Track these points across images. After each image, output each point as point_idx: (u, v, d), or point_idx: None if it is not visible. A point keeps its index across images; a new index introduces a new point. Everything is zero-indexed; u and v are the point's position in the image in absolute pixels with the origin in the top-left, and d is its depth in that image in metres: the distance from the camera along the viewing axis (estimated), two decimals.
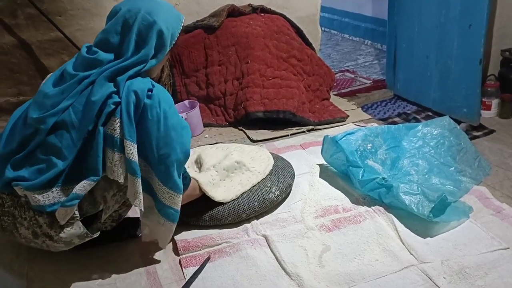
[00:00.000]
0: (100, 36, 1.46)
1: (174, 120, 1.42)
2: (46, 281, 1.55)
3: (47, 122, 1.36)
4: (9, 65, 2.79)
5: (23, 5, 2.65)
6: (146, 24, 1.43)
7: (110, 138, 1.36)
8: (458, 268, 1.49)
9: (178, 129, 1.43)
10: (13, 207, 1.41)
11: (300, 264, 1.55)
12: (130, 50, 1.42)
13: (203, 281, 1.51)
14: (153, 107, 1.38)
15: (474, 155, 2.09)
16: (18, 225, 1.42)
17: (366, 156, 1.99)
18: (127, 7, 1.45)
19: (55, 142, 1.37)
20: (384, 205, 1.82)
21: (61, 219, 1.38)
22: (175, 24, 1.51)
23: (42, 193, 1.34)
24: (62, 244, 1.45)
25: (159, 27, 1.44)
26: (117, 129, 1.36)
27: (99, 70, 1.40)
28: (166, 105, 1.41)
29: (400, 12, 3.29)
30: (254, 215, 1.80)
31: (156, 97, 1.39)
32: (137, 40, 1.43)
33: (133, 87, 1.37)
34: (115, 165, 1.37)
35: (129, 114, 1.36)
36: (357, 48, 4.92)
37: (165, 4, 1.52)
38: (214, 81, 2.80)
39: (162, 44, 1.47)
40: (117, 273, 1.56)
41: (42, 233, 1.42)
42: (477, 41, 2.67)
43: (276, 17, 3.04)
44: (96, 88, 1.36)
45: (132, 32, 1.42)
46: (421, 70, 3.16)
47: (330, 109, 2.90)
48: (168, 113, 1.41)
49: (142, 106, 1.37)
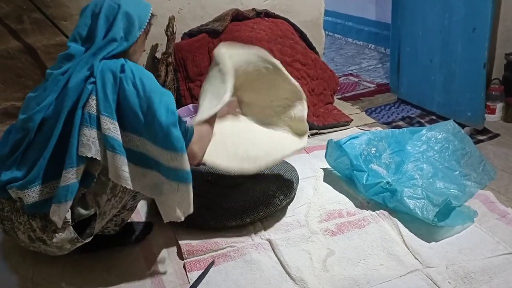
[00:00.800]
0: (73, 32, 1.51)
1: (152, 85, 1.41)
2: (51, 284, 1.56)
3: (35, 119, 1.39)
4: (15, 70, 2.80)
5: (29, 10, 2.67)
6: (111, 9, 1.47)
7: (87, 116, 1.35)
8: (463, 273, 1.49)
9: (158, 92, 1.40)
10: (11, 212, 1.43)
11: (304, 269, 1.55)
12: (99, 36, 1.46)
13: (207, 285, 1.51)
14: (127, 78, 1.38)
15: (478, 159, 2.08)
16: (16, 229, 1.44)
17: (370, 160, 1.99)
18: (94, 2, 1.52)
19: (43, 138, 1.39)
20: (389, 209, 1.82)
21: (56, 218, 1.36)
22: (142, 9, 1.54)
23: (33, 191, 1.36)
24: (54, 249, 1.46)
25: (124, 10, 1.47)
26: (94, 106, 1.36)
27: (73, 62, 1.44)
28: (141, 73, 1.42)
29: (403, 16, 3.29)
30: (259, 219, 1.80)
31: (128, 69, 1.40)
32: (106, 25, 1.47)
33: (106, 66, 1.40)
34: (92, 142, 1.35)
35: (104, 90, 1.36)
36: (361, 52, 4.92)
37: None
38: None
39: (130, 25, 1.49)
40: (122, 277, 1.57)
41: (36, 238, 1.43)
42: (481, 45, 2.66)
43: (280, 22, 3.05)
44: (73, 76, 1.40)
45: (100, 19, 1.46)
46: (425, 74, 3.16)
47: (334, 113, 2.90)
48: (144, 79, 1.40)
49: (119, 80, 1.38)
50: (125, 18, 1.48)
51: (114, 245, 1.70)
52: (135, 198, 1.63)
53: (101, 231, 1.61)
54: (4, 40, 2.72)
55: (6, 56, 2.75)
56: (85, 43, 1.47)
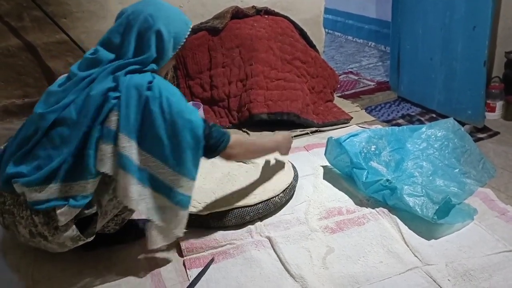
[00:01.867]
0: (105, 36, 1.49)
1: (180, 107, 1.40)
2: (51, 282, 1.56)
3: (47, 119, 1.38)
4: (15, 67, 2.80)
5: (29, 8, 2.67)
6: (146, 26, 1.43)
7: (106, 131, 1.35)
8: (463, 270, 1.49)
9: (185, 115, 1.40)
10: (13, 205, 1.43)
11: (304, 266, 1.55)
12: (130, 51, 1.43)
13: (207, 282, 1.51)
14: (155, 98, 1.37)
15: (478, 157, 2.08)
16: (17, 223, 1.43)
17: (370, 158, 1.99)
18: (132, 9, 1.47)
19: (54, 138, 1.39)
20: (388, 207, 1.82)
21: (63, 218, 1.37)
22: (179, 28, 1.50)
23: (39, 189, 1.36)
24: (55, 246, 1.45)
25: (159, 29, 1.43)
26: (114, 122, 1.35)
27: (100, 69, 1.42)
28: (168, 93, 1.40)
29: (404, 14, 3.29)
30: (258, 217, 1.80)
31: (156, 88, 1.38)
32: (137, 41, 1.44)
33: (133, 82, 1.38)
34: (107, 157, 1.36)
35: (128, 108, 1.35)
36: (361, 50, 4.92)
37: (172, 8, 1.52)
38: (218, 83, 2.81)
39: (162, 47, 1.46)
40: (122, 275, 1.57)
41: (37, 233, 1.42)
42: (481, 43, 2.66)
43: (280, 19, 3.05)
44: (96, 84, 1.38)
45: (133, 33, 1.43)
46: (425, 72, 3.16)
47: (334, 111, 2.91)
48: (172, 101, 1.39)
49: (144, 99, 1.37)
50: (158, 39, 1.44)
51: (114, 243, 1.70)
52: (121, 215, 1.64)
53: (102, 229, 1.61)
54: (4, 38, 2.72)
55: (6, 54, 2.76)
56: (115, 51, 1.45)
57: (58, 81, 1.50)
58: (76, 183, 1.38)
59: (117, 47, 1.45)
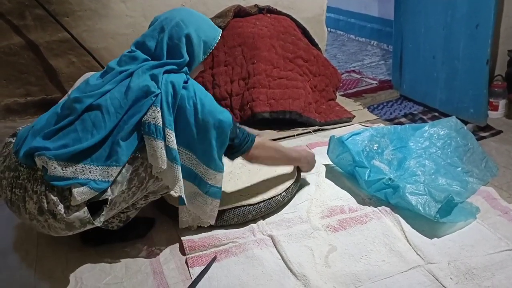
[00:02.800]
0: (139, 39, 1.57)
1: (211, 107, 1.51)
2: (53, 279, 1.56)
3: (84, 102, 1.43)
4: (17, 66, 2.81)
5: (31, 6, 2.67)
6: (178, 29, 1.52)
7: (153, 127, 1.43)
8: (465, 269, 1.49)
9: (216, 114, 1.50)
10: (27, 180, 1.42)
11: (306, 264, 1.55)
12: (163, 53, 1.52)
13: (209, 280, 1.52)
14: (190, 97, 1.47)
15: (481, 156, 2.08)
16: (27, 198, 1.41)
17: (372, 156, 1.99)
18: (166, 16, 1.58)
19: (87, 122, 1.43)
20: (391, 205, 1.82)
21: (79, 197, 1.38)
22: (209, 33, 1.59)
23: (64, 165, 1.38)
24: (63, 225, 1.43)
25: (189, 33, 1.52)
26: (159, 118, 1.43)
27: (137, 65, 1.50)
28: (202, 94, 1.51)
29: (406, 13, 3.27)
30: (260, 215, 1.80)
31: (191, 87, 1.49)
32: (168, 44, 1.52)
33: (170, 79, 1.47)
34: (159, 152, 1.43)
35: (168, 104, 1.44)
36: (363, 48, 4.90)
37: (203, 16, 1.63)
38: (220, 82, 2.81)
39: (192, 51, 1.54)
40: (124, 272, 1.58)
41: (48, 210, 1.40)
42: (484, 42, 2.65)
43: (283, 18, 3.05)
44: (135, 78, 1.46)
45: (165, 36, 1.52)
46: (427, 71, 3.15)
47: (336, 109, 2.90)
48: (205, 101, 1.49)
49: (179, 96, 1.46)
50: (188, 42, 1.53)
51: (116, 241, 1.70)
52: (147, 199, 1.64)
53: (105, 225, 1.61)
54: (6, 37, 2.73)
55: (8, 52, 2.76)
56: (149, 54, 1.53)
57: (95, 74, 1.56)
58: (100, 168, 1.41)
59: (152, 49, 1.53)
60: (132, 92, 1.44)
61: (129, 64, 1.51)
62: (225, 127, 1.52)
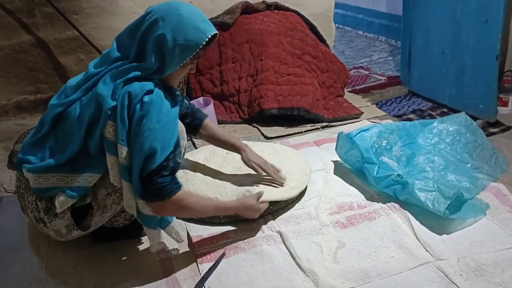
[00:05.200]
0: (122, 32, 1.48)
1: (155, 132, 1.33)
2: (64, 275, 1.58)
3: (52, 112, 1.43)
4: (27, 64, 2.83)
5: (40, 4, 2.69)
6: (153, 28, 1.37)
7: (107, 141, 1.37)
8: (475, 265, 1.49)
9: (153, 143, 1.33)
10: (24, 190, 1.50)
11: (315, 261, 1.55)
12: (132, 53, 1.40)
13: (218, 276, 1.52)
14: (142, 115, 1.33)
15: (490, 152, 2.07)
16: (26, 207, 1.51)
17: (381, 152, 1.99)
18: (151, 8, 1.42)
19: (58, 132, 1.44)
20: (399, 201, 1.82)
21: (59, 206, 1.42)
22: (190, 37, 1.39)
23: (42, 177, 1.41)
24: (52, 233, 1.50)
25: (163, 34, 1.36)
26: (112, 132, 1.35)
27: (106, 68, 1.41)
28: (155, 114, 1.34)
29: (415, 8, 3.26)
30: (269, 212, 1.80)
31: (147, 105, 1.34)
32: (140, 43, 1.39)
33: (129, 90, 1.34)
34: (111, 168, 1.39)
35: (122, 117, 1.33)
36: (371, 44, 4.88)
37: (192, 15, 1.42)
38: (228, 78, 2.81)
39: (164, 55, 1.38)
40: (134, 269, 1.58)
41: (39, 218, 1.49)
42: (494, 37, 2.63)
43: (290, 14, 3.04)
44: (99, 85, 1.38)
45: (138, 34, 1.39)
46: (436, 66, 3.13)
47: (344, 105, 2.90)
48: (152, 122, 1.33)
49: (133, 111, 1.34)
50: (162, 43, 1.36)
51: (125, 238, 1.71)
52: None
53: (110, 223, 1.63)
54: (16, 34, 2.75)
55: (18, 50, 2.79)
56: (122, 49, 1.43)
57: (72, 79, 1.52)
58: (78, 175, 1.42)
59: (125, 46, 1.43)
60: (95, 103, 1.36)
61: (102, 66, 1.42)
62: (152, 159, 1.33)
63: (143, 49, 1.39)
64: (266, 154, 2.06)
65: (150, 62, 1.38)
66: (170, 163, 1.37)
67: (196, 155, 2.09)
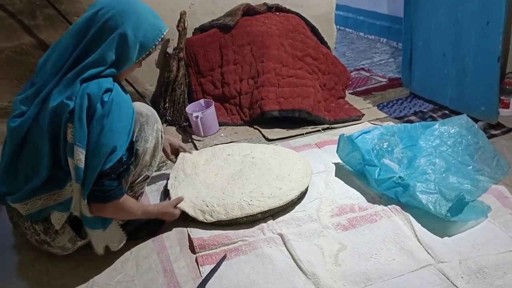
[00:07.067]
0: (76, 22, 1.43)
1: (114, 129, 1.35)
2: (65, 277, 1.57)
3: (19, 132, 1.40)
4: (28, 66, 2.83)
5: (42, 6, 2.69)
6: (112, 24, 1.36)
7: (69, 146, 1.35)
8: (476, 268, 1.48)
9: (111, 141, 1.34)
10: (18, 218, 1.49)
11: (316, 263, 1.55)
12: (86, 53, 1.37)
13: (219, 279, 1.52)
14: (101, 116, 1.33)
15: (492, 154, 2.06)
16: (24, 234, 1.51)
17: (382, 155, 1.99)
18: (102, 4, 1.40)
19: (26, 152, 1.42)
20: (401, 204, 1.81)
21: (57, 223, 1.43)
22: (148, 33, 1.41)
23: (29, 203, 1.40)
24: (59, 250, 1.52)
25: (124, 31, 1.36)
26: (70, 134, 1.34)
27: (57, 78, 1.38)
28: (115, 113, 1.34)
29: (416, 10, 3.26)
30: (270, 214, 1.80)
31: (108, 105, 1.33)
32: (95, 39, 1.37)
33: (87, 90, 1.33)
34: (72, 171, 1.36)
35: (80, 119, 1.32)
36: (373, 46, 4.89)
37: (146, 11, 1.44)
38: (229, 80, 2.81)
39: (124, 51, 1.38)
40: (135, 270, 1.58)
41: (41, 241, 1.49)
42: (495, 38, 2.64)
43: (291, 16, 3.04)
44: (54, 95, 1.35)
45: (91, 30, 1.37)
46: (437, 68, 3.13)
47: (345, 107, 2.89)
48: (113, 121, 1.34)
49: (93, 111, 1.33)
50: (123, 40, 1.37)
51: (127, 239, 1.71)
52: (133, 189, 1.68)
53: None
54: (17, 36, 2.75)
55: (19, 51, 2.78)
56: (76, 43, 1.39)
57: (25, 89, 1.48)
58: (62, 189, 1.42)
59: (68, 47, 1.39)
60: (53, 112, 1.34)
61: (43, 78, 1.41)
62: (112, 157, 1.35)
63: (96, 46, 1.37)
64: (267, 156, 2.07)
65: (109, 58, 1.36)
66: (121, 164, 1.40)
67: (197, 157, 2.10)
